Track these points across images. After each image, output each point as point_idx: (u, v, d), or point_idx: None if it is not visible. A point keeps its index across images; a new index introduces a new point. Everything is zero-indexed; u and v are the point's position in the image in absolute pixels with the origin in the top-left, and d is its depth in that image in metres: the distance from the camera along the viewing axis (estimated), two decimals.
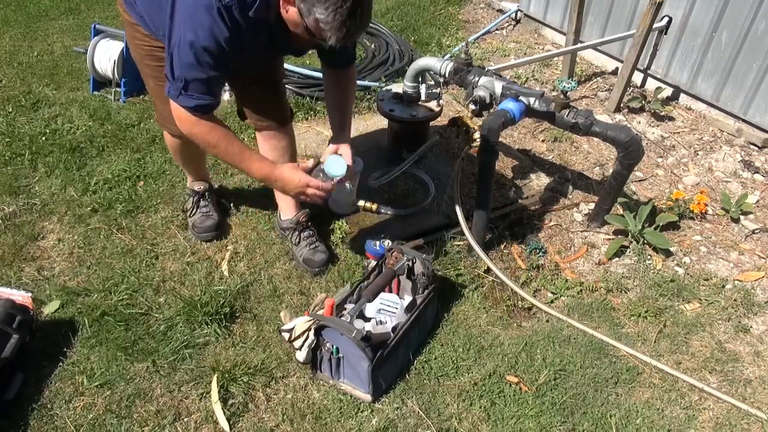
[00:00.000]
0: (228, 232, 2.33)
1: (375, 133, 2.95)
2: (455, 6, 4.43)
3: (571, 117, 2.15)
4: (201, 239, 2.28)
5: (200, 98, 1.62)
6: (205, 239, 2.28)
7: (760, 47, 2.85)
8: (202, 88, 1.61)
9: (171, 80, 1.61)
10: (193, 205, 2.31)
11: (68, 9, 4.12)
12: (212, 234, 2.29)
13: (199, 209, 2.31)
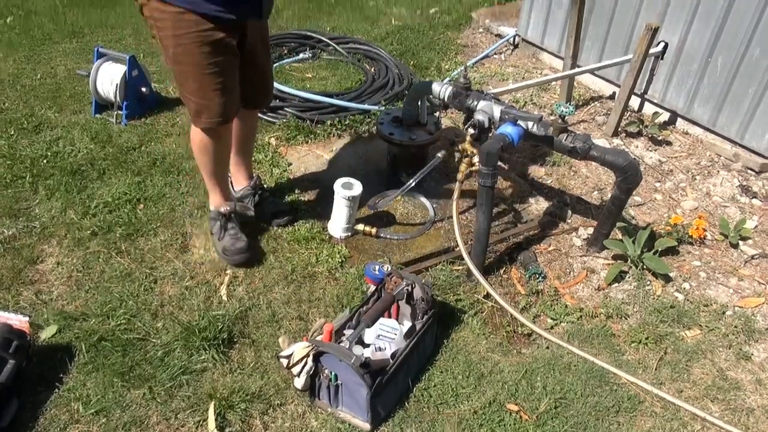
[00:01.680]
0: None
1: (374, 157, 2.96)
2: (454, 31, 4.49)
3: (569, 141, 2.17)
4: (234, 263, 2.26)
5: None
6: (238, 262, 2.26)
7: (755, 73, 2.88)
8: None
9: None
10: (220, 229, 2.28)
11: (72, 33, 4.17)
12: (246, 255, 2.26)
13: (227, 232, 2.27)
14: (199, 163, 2.22)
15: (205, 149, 2.13)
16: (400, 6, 4.88)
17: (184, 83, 1.96)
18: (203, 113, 2.00)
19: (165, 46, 1.90)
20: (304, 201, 2.67)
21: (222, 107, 2.00)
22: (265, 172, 2.81)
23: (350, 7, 4.81)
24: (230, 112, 2.06)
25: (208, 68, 1.89)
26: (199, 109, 2.00)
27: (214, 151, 2.14)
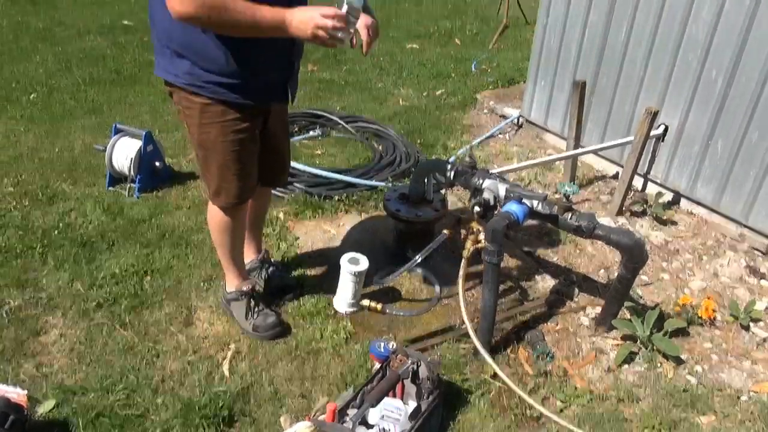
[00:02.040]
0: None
1: (381, 233, 2.99)
2: (459, 111, 4.63)
3: (574, 220, 2.19)
4: (267, 338, 2.26)
5: None
6: (272, 337, 2.27)
7: (754, 156, 2.93)
8: None
9: None
10: (249, 309, 2.28)
11: (91, 109, 4.33)
12: (279, 330, 2.28)
13: (255, 310, 2.29)
14: (216, 241, 2.25)
15: (223, 228, 2.18)
16: (407, 87, 5.07)
17: (206, 165, 2.03)
18: (222, 194, 2.07)
19: (191, 131, 1.99)
20: (310, 275, 2.67)
21: (240, 190, 2.07)
22: (273, 245, 2.84)
23: (359, 88, 5.00)
24: (247, 195, 2.13)
25: (230, 155, 1.98)
26: (218, 190, 2.06)
27: (231, 229, 2.19)
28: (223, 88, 1.86)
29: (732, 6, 2.86)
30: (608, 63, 3.53)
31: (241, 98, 1.89)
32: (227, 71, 1.83)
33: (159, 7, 1.75)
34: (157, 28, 1.85)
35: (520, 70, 5.29)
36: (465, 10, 7.81)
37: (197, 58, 1.81)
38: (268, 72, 1.93)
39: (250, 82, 1.88)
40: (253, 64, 1.85)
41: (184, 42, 1.80)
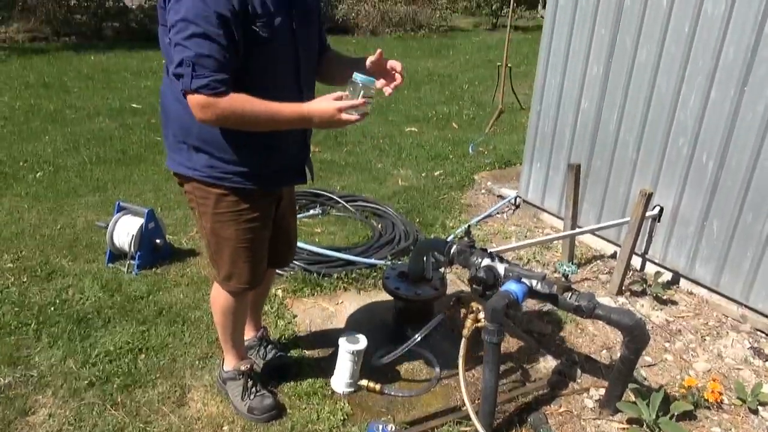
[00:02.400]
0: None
1: (380, 311, 2.97)
2: (458, 191, 4.72)
3: (573, 300, 2.18)
4: (262, 421, 2.20)
5: (213, 74, 1.65)
6: (267, 420, 2.20)
7: (750, 237, 2.97)
8: (211, 63, 1.64)
9: (180, 71, 1.65)
10: (246, 389, 2.23)
11: (96, 187, 4.41)
12: (274, 413, 2.22)
13: (251, 391, 2.23)
14: (218, 322, 2.24)
15: (227, 310, 2.17)
16: (406, 168, 5.19)
17: (217, 252, 2.04)
18: (232, 279, 2.07)
19: (203, 220, 1.99)
20: (307, 354, 2.63)
21: (251, 276, 2.08)
22: (270, 323, 2.81)
23: (360, 169, 5.12)
24: (258, 280, 2.14)
25: (243, 242, 2.00)
26: (229, 275, 2.07)
27: (234, 312, 2.18)
28: (242, 177, 1.88)
29: (718, 95, 2.99)
30: (602, 146, 3.64)
31: (261, 185, 1.93)
32: (247, 161, 1.87)
33: (175, 105, 1.81)
34: (173, 125, 1.88)
35: (516, 153, 5.44)
36: (462, 96, 8.13)
37: (216, 150, 1.84)
38: (286, 156, 1.97)
39: (270, 168, 1.93)
40: (272, 152, 1.90)
41: (203, 137, 1.83)
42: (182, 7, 1.61)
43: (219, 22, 1.61)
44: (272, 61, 1.79)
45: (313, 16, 1.92)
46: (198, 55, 1.62)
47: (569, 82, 3.77)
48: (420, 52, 11.60)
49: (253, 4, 1.67)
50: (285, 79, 1.86)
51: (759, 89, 2.81)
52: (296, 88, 1.89)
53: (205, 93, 1.65)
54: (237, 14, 1.64)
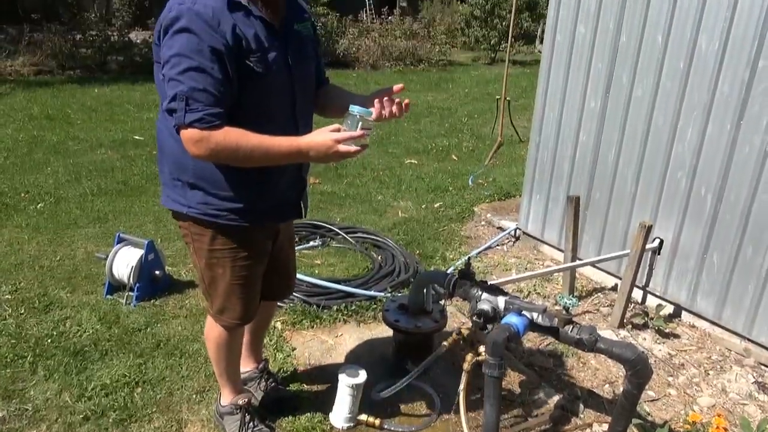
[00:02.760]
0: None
1: (379, 344, 2.94)
2: (457, 223, 4.73)
3: (575, 333, 2.17)
4: None
5: (206, 108, 1.64)
6: None
7: (751, 270, 2.96)
8: (205, 97, 1.63)
9: (174, 106, 1.65)
10: (243, 424, 2.19)
11: (96, 218, 4.42)
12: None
13: (248, 426, 2.19)
14: (212, 356, 2.22)
15: (221, 344, 2.15)
16: (406, 200, 5.21)
17: (211, 285, 2.03)
18: (225, 313, 2.06)
19: (198, 256, 1.98)
20: (306, 388, 2.60)
21: (243, 311, 2.07)
22: (269, 356, 2.78)
23: (360, 200, 5.14)
24: (250, 316, 2.13)
25: (237, 279, 1.99)
26: (222, 309, 2.06)
27: (228, 346, 2.16)
28: (237, 214, 1.88)
29: (714, 129, 3.02)
30: (600, 179, 3.67)
31: (255, 221, 1.92)
32: (242, 197, 1.86)
33: (170, 141, 1.82)
34: (168, 162, 1.89)
35: (516, 185, 5.47)
36: (461, 128, 8.21)
37: (211, 187, 1.84)
38: (282, 192, 1.97)
39: (265, 204, 1.92)
40: (268, 187, 1.89)
41: (198, 173, 1.83)
42: (176, 43, 1.63)
43: (213, 57, 1.63)
44: (267, 95, 1.79)
45: (308, 50, 1.93)
46: (192, 89, 1.63)
47: (567, 115, 3.81)
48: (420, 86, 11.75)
49: (247, 39, 1.69)
50: (281, 112, 1.86)
51: (755, 123, 2.85)
52: (292, 122, 1.89)
53: (199, 127, 1.64)
54: (231, 49, 1.65)
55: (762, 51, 2.77)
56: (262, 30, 1.74)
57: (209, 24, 1.62)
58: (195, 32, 1.62)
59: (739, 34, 2.85)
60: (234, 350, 2.20)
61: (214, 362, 2.22)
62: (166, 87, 1.68)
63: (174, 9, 1.65)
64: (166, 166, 1.90)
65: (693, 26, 3.02)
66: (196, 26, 1.62)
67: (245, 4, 1.70)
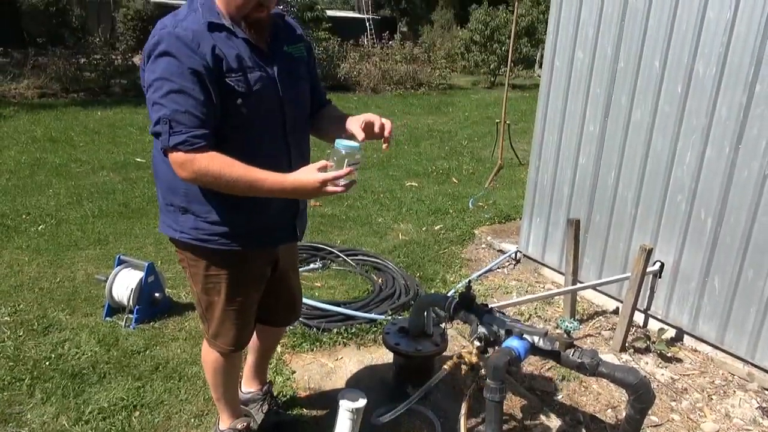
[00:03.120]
0: None
1: (380, 367, 2.92)
2: (458, 246, 4.73)
3: (576, 357, 2.15)
4: None
5: (190, 130, 1.64)
6: None
7: (753, 293, 2.95)
8: (187, 119, 1.63)
9: (158, 129, 1.66)
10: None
11: (97, 240, 4.43)
12: None
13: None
14: (210, 381, 2.21)
15: (217, 369, 2.14)
16: (406, 222, 5.22)
17: (208, 310, 2.02)
18: (219, 338, 2.05)
19: (194, 281, 1.98)
20: (306, 412, 2.57)
21: (236, 338, 2.06)
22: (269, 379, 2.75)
23: (360, 223, 5.14)
24: (245, 342, 2.12)
25: (234, 305, 1.99)
26: (216, 334, 2.05)
27: (225, 371, 2.15)
28: (228, 239, 1.86)
29: (713, 153, 3.04)
30: (600, 202, 3.68)
31: (247, 245, 1.90)
32: (232, 221, 1.85)
33: (162, 167, 1.82)
34: (162, 187, 1.89)
35: (516, 208, 5.48)
36: (461, 151, 8.26)
37: (201, 211, 1.84)
38: (273, 215, 1.94)
39: (256, 228, 1.90)
40: (257, 210, 1.87)
41: (189, 197, 1.83)
42: (158, 67, 1.65)
43: (194, 78, 1.64)
44: (255, 114, 1.78)
45: (300, 71, 1.93)
46: (175, 111, 1.63)
47: (566, 139, 3.84)
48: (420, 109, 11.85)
49: (227, 59, 1.70)
50: (270, 132, 1.85)
51: (753, 147, 2.86)
52: (284, 143, 1.88)
53: (183, 149, 1.64)
54: (211, 70, 1.67)
55: (759, 76, 2.81)
56: (246, 50, 1.75)
57: (189, 46, 1.64)
58: (175, 55, 1.63)
59: (736, 59, 2.88)
60: (231, 375, 2.19)
61: (212, 386, 2.20)
62: (150, 111, 1.69)
63: (156, 34, 1.68)
64: (160, 191, 1.91)
65: (690, 52, 3.06)
66: (176, 49, 1.63)
67: (228, 25, 1.73)
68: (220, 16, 1.72)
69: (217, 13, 1.72)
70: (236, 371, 2.23)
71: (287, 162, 1.86)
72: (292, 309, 2.34)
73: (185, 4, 1.78)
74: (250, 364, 2.45)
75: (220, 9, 1.73)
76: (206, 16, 1.70)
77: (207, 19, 1.70)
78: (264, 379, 2.50)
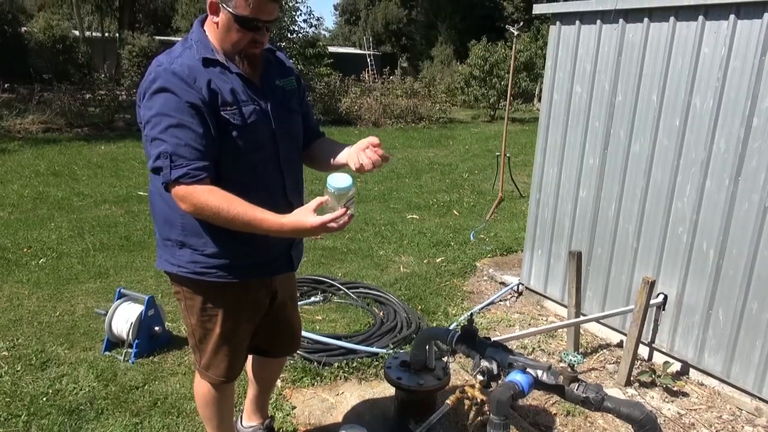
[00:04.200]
0: None
1: (381, 402, 2.88)
2: (460, 278, 4.71)
3: (581, 391, 2.12)
4: None
5: (191, 162, 1.66)
6: None
7: (758, 326, 2.92)
8: (188, 152, 1.65)
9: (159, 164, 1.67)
10: None
11: (98, 273, 4.42)
12: None
13: None
14: (202, 414, 2.18)
15: (209, 402, 2.12)
16: (408, 255, 5.21)
17: (202, 341, 2.01)
18: (210, 369, 2.04)
19: (189, 314, 1.97)
20: None
21: (228, 369, 2.05)
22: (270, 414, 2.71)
23: (361, 256, 5.13)
24: (235, 374, 2.11)
25: (228, 335, 1.98)
26: (208, 365, 2.04)
27: (217, 404, 2.13)
28: (225, 271, 1.87)
29: (713, 185, 3.05)
30: (602, 235, 3.68)
31: (244, 277, 1.91)
32: (230, 253, 1.86)
33: (160, 202, 1.85)
34: (159, 222, 1.91)
35: (518, 240, 5.48)
36: (462, 184, 8.30)
37: (198, 244, 1.85)
38: (270, 247, 1.95)
39: (253, 260, 1.92)
40: (254, 243, 1.87)
41: (186, 230, 1.84)
42: (156, 103, 1.68)
43: (192, 111, 1.68)
44: (251, 146, 1.82)
45: (292, 104, 1.97)
46: (176, 145, 1.66)
47: (566, 172, 3.86)
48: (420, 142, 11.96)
49: (222, 93, 1.74)
50: (265, 164, 1.88)
51: (753, 180, 2.88)
52: (278, 174, 1.91)
53: (185, 182, 1.66)
54: (207, 103, 1.71)
55: (755, 110, 2.84)
56: (240, 85, 1.79)
57: (186, 81, 1.68)
58: (173, 91, 1.67)
59: (732, 93, 2.92)
60: (224, 407, 2.16)
61: (205, 419, 2.18)
62: (149, 147, 1.71)
63: (152, 71, 1.72)
64: (157, 226, 1.92)
65: (687, 86, 3.10)
66: (173, 85, 1.67)
67: (222, 61, 1.77)
68: (215, 52, 1.77)
69: (211, 50, 1.77)
70: (229, 404, 2.20)
71: (282, 192, 1.91)
72: (292, 339, 2.33)
73: (179, 42, 1.84)
74: (251, 397, 2.42)
75: (214, 45, 1.79)
76: (201, 52, 1.76)
77: (202, 54, 1.75)
78: (266, 413, 2.47)
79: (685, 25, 3.09)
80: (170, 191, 1.70)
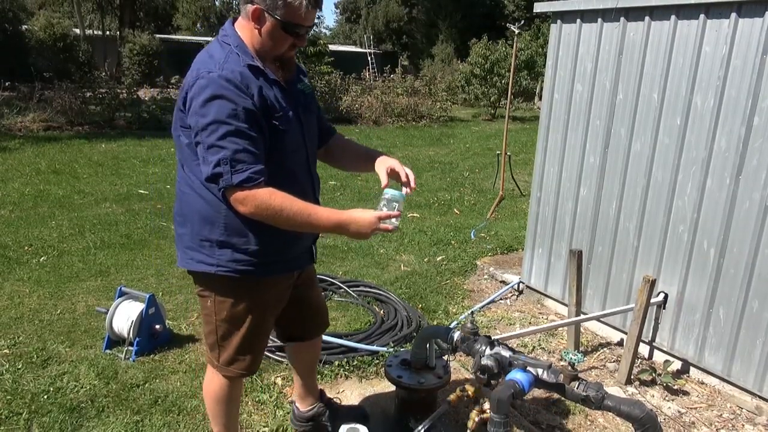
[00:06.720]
0: None
1: (382, 400, 2.88)
2: (460, 277, 4.71)
3: (581, 390, 2.12)
4: None
5: (250, 167, 1.71)
6: None
7: (759, 325, 2.93)
8: (247, 157, 1.71)
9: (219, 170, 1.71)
10: None
11: (99, 272, 4.42)
12: None
13: None
14: (210, 411, 2.19)
15: (222, 398, 2.13)
16: (408, 253, 5.21)
17: (225, 338, 2.02)
18: (234, 364, 2.06)
19: (216, 310, 1.98)
20: None
21: (252, 362, 2.09)
22: (269, 413, 2.72)
23: (362, 254, 5.14)
24: (257, 368, 2.14)
25: (255, 329, 2.02)
26: (231, 360, 2.05)
27: (229, 400, 2.14)
28: (264, 268, 1.93)
29: (714, 183, 3.05)
30: (602, 233, 3.67)
31: (280, 273, 1.99)
32: (270, 250, 1.92)
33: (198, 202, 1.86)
34: (194, 222, 1.90)
35: (518, 238, 5.48)
36: (462, 183, 8.30)
37: (241, 242, 1.88)
38: (301, 243, 2.04)
39: (290, 254, 1.99)
40: (291, 238, 1.94)
41: (229, 230, 1.87)
42: (210, 110, 1.71)
43: (247, 117, 1.72)
44: (289, 151, 1.90)
45: (312, 105, 2.06)
46: (235, 151, 1.70)
47: (567, 171, 3.86)
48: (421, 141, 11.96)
49: (270, 100, 1.80)
50: (300, 166, 1.98)
51: (754, 178, 2.88)
52: (309, 176, 2.02)
53: (247, 186, 1.72)
54: (259, 109, 1.76)
55: (756, 109, 2.84)
56: (279, 91, 1.85)
57: (239, 88, 1.72)
58: (228, 98, 1.70)
59: (733, 92, 2.92)
60: (233, 403, 2.18)
61: (213, 417, 2.18)
62: (205, 154, 1.73)
63: (203, 77, 1.73)
64: (191, 227, 1.92)
65: (687, 85, 3.10)
66: (227, 92, 1.71)
67: (263, 68, 1.81)
68: (254, 59, 1.81)
69: (251, 56, 1.81)
70: (238, 400, 2.23)
71: (312, 192, 2.02)
72: (322, 319, 2.42)
73: (213, 43, 1.86)
74: (299, 384, 2.50)
75: (251, 51, 1.82)
76: (244, 59, 1.79)
77: (246, 61, 1.79)
78: (317, 393, 2.56)
79: (686, 24, 3.09)
80: (230, 196, 1.75)
